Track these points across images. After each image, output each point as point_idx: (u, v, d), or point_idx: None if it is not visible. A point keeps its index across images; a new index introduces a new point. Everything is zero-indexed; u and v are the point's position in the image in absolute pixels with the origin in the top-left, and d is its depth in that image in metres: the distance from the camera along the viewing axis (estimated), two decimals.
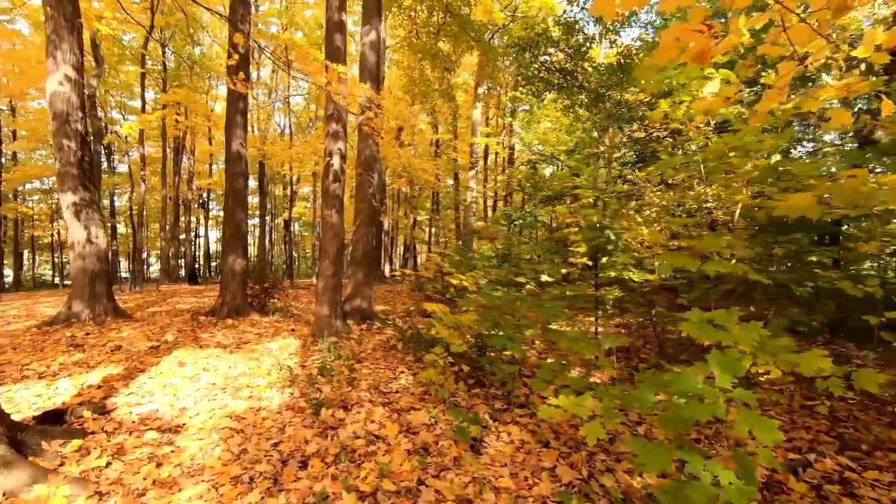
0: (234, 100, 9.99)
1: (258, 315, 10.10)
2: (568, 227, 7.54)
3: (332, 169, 7.58)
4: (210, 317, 9.82)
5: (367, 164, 9.13)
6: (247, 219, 10.23)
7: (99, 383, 5.23)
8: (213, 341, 7.58)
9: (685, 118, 6.16)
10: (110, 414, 4.40)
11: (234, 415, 4.45)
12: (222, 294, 9.98)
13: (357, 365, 5.96)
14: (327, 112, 7.73)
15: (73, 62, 9.02)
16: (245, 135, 10.17)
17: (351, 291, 9.03)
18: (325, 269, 7.60)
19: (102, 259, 9.35)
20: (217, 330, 8.62)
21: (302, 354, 6.65)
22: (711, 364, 2.36)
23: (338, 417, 4.31)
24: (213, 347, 7.14)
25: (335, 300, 7.64)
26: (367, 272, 9.14)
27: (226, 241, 10.02)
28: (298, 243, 44.86)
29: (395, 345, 7.05)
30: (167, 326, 8.98)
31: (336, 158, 7.60)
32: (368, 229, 9.13)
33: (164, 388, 5.18)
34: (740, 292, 5.30)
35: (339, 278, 7.78)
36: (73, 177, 8.91)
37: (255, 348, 7.06)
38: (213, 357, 6.55)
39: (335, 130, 7.63)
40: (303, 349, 6.95)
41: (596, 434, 2.75)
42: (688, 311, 2.79)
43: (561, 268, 7.06)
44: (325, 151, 7.75)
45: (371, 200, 9.15)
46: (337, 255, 7.63)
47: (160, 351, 6.87)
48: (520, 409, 4.47)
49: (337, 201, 7.63)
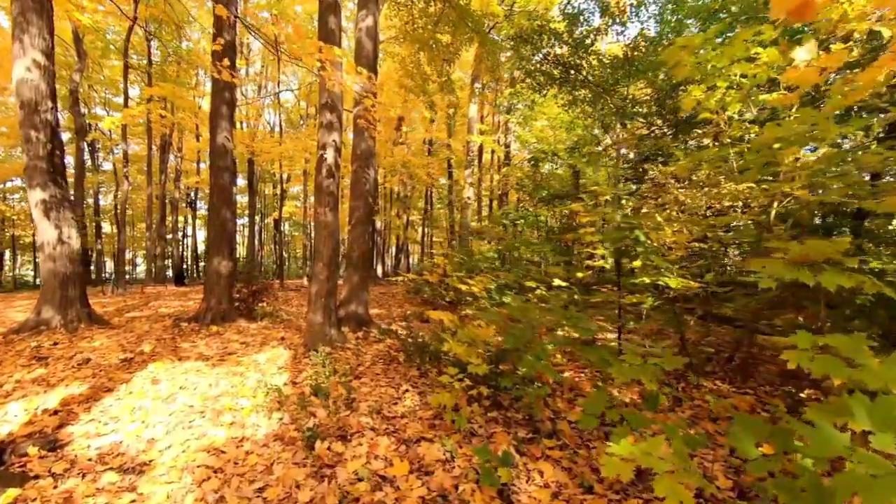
0: (219, 89, 9.22)
1: (245, 321, 9.35)
2: (583, 227, 6.88)
3: (325, 163, 6.86)
4: (193, 323, 9.05)
5: (363, 159, 8.41)
6: (234, 217, 9.48)
7: (56, 407, 4.48)
8: (195, 352, 6.84)
9: (717, 106, 5.54)
10: (63, 449, 3.66)
11: (213, 448, 3.74)
12: (206, 299, 9.21)
13: (355, 382, 5.25)
14: (321, 101, 7.02)
15: (42, 47, 8.22)
16: (232, 127, 9.41)
17: (346, 296, 8.32)
18: (319, 271, 6.88)
19: (75, 261, 8.56)
20: (200, 338, 7.87)
21: (293, 368, 5.93)
22: (858, 414, 1.70)
23: (335, 451, 3.61)
24: (193, 360, 6.40)
25: (329, 306, 6.93)
26: (364, 275, 8.42)
27: (210, 242, 9.25)
28: (288, 243, 43.96)
29: (395, 356, 6.35)
30: (145, 334, 8.21)
31: (330, 152, 6.88)
32: (365, 228, 8.42)
33: (132, 412, 4.44)
34: (788, 301, 4.68)
35: (334, 282, 7.07)
36: (42, 171, 8.12)
37: (240, 360, 6.32)
38: (193, 372, 5.81)
39: (329, 121, 6.91)
40: (293, 362, 6.23)
41: (679, 498, 2.08)
42: (773, 329, 2.13)
43: (576, 271, 6.40)
44: (318, 144, 7.03)
45: (367, 198, 8.44)
46: (331, 257, 6.92)
47: (133, 364, 6.11)
48: (549, 438, 3.80)
49: (331, 198, 6.92)
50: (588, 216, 6.50)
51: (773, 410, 3.99)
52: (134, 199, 34.15)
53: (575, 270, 6.81)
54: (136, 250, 41.43)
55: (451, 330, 4.91)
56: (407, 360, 6.04)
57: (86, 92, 29.51)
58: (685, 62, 5.12)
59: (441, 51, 11.03)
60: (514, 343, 3.81)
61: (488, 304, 7.24)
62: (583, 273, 6.44)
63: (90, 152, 31.64)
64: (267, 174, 32.89)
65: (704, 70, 5.17)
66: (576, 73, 11.99)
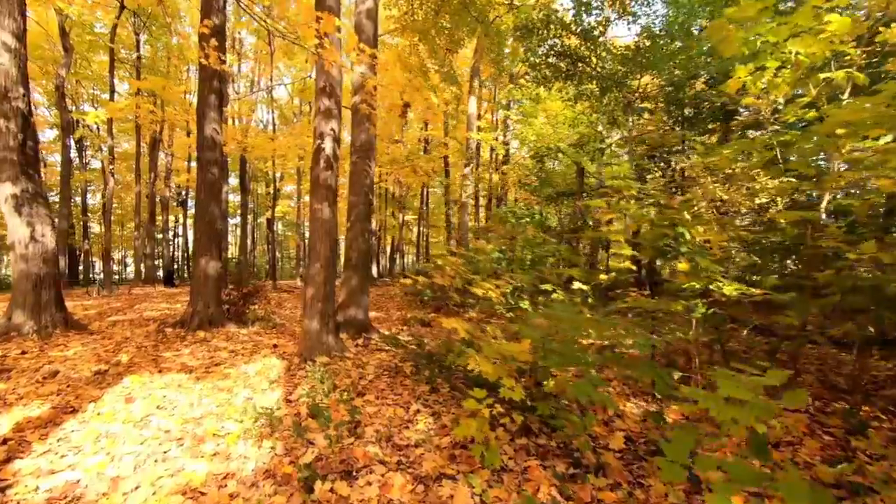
0: (207, 77, 8.51)
1: (235, 326, 8.63)
2: (602, 225, 6.24)
3: (323, 154, 6.17)
4: (179, 328, 8.33)
5: (362, 151, 7.73)
6: (223, 215, 8.76)
7: (7, 434, 3.77)
8: (177, 363, 6.12)
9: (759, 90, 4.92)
10: (4, 493, 2.96)
11: (190, 489, 3.05)
12: (193, 302, 8.49)
13: (358, 400, 4.57)
14: (317, 86, 6.33)
15: (12, 28, 7.50)
16: (220, 118, 8.70)
17: (344, 299, 7.63)
18: (315, 273, 6.19)
19: (50, 261, 7.84)
20: (184, 346, 7.15)
21: (286, 382, 5.24)
22: None
23: (339, 494, 2.94)
24: (175, 372, 5.69)
25: (327, 311, 6.24)
26: (363, 277, 7.74)
27: (198, 241, 8.53)
28: (282, 243, 43.12)
29: (401, 368, 5.67)
30: (125, 342, 7.48)
31: (328, 141, 6.19)
32: (364, 226, 7.73)
33: (97, 440, 3.74)
34: (853, 307, 4.06)
35: (332, 285, 6.38)
36: (12, 164, 7.39)
37: (227, 373, 5.62)
38: (174, 387, 5.10)
39: (327, 108, 6.23)
40: (287, 375, 5.54)
41: None
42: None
43: (595, 273, 5.76)
44: (314, 133, 6.34)
45: (367, 193, 7.76)
46: (329, 257, 6.23)
47: (107, 378, 5.39)
48: (594, 475, 3.15)
49: (329, 193, 6.23)
50: (611, 213, 5.88)
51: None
52: (124, 197, 33.24)
53: (593, 273, 6.17)
54: (126, 250, 40.44)
55: (467, 341, 4.25)
56: (415, 373, 5.37)
57: (73, 88, 28.60)
58: (732, 38, 4.49)
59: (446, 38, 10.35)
60: (558, 363, 3.15)
61: (503, 309, 6.60)
62: (606, 276, 5.81)
63: (78, 150, 30.69)
64: (260, 172, 32.04)
65: (753, 46, 4.55)
66: (584, 66, 11.38)
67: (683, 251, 4.14)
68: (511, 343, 3.29)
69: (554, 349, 3.21)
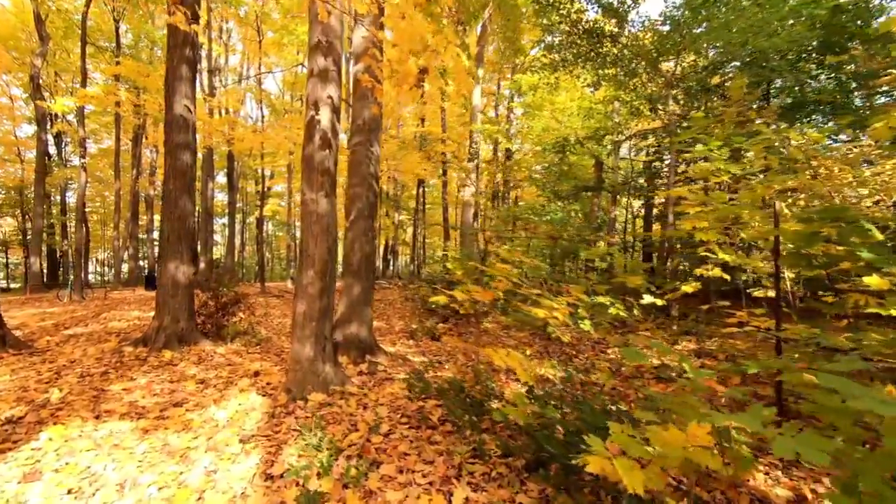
0: (177, 43, 6.92)
1: (211, 343, 7.05)
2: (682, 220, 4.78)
3: (318, 127, 4.63)
4: (141, 347, 6.73)
5: (365, 132, 6.19)
6: (195, 209, 7.18)
7: None
8: (125, 402, 4.54)
9: None
10: None
11: None
12: (159, 315, 6.89)
13: (373, 476, 3.04)
14: (311, 42, 4.79)
15: None
16: (193, 93, 7.11)
17: (343, 313, 6.08)
18: (308, 283, 4.64)
19: None
20: (142, 373, 5.57)
21: (268, 438, 3.68)
22: None
23: None
24: (117, 418, 4.11)
25: (322, 332, 4.70)
26: (367, 285, 6.20)
27: (165, 242, 6.92)
28: (271, 244, 41.30)
29: (424, 411, 4.13)
30: (70, 366, 5.88)
31: (325, 112, 4.66)
32: (368, 224, 6.20)
33: None
34: None
35: (330, 298, 4.84)
36: None
37: (188, 420, 4.05)
38: (108, 447, 3.54)
39: (324, 68, 4.69)
40: (270, 423, 3.98)
41: None
42: None
43: (666, 283, 4.29)
44: (306, 102, 4.79)
45: (372, 183, 6.22)
46: (327, 262, 4.69)
47: (18, 431, 3.81)
48: None
49: (327, 179, 4.68)
50: (694, 207, 4.41)
51: None
52: (107, 196, 31.28)
53: (664, 282, 4.69)
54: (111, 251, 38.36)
55: (538, 395, 2.75)
56: (443, 420, 3.85)
57: (51, 79, 26.70)
58: None
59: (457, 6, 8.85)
60: None
61: (556, 330, 5.14)
62: (691, 286, 4.34)
63: (56, 145, 28.73)
64: (249, 170, 30.28)
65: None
66: (610, 45, 9.93)
67: (868, 257, 2.67)
68: (672, 430, 1.80)
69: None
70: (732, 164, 4.37)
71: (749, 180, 4.22)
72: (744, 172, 4.38)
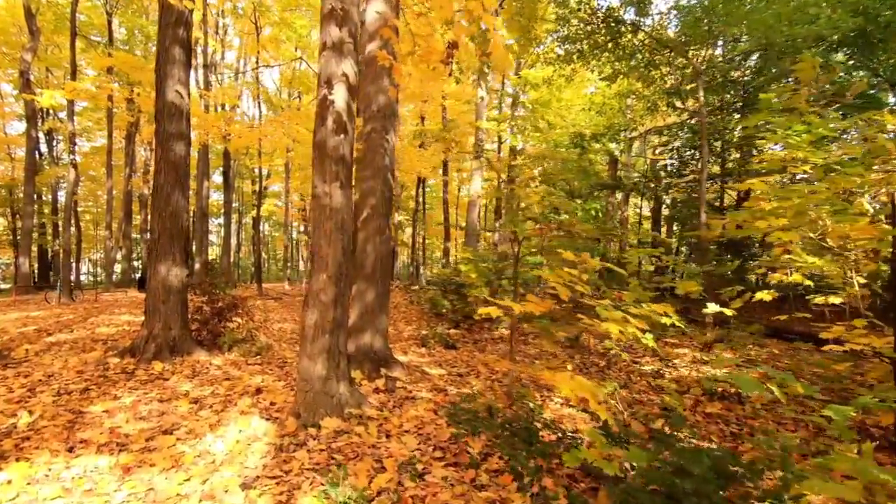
0: (169, 22, 6.21)
1: (206, 353, 6.34)
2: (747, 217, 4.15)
3: (332, 108, 3.95)
4: (129, 357, 6.01)
5: (380, 119, 5.50)
6: (189, 206, 6.48)
7: None
8: (106, 427, 3.83)
9: None
10: None
11: None
12: (148, 322, 6.16)
13: None
14: (324, 9, 4.09)
15: None
16: (187, 77, 6.40)
17: (355, 321, 5.38)
18: (320, 289, 3.95)
19: None
20: (128, 390, 4.85)
21: (277, 480, 2.98)
22: None
23: None
24: (94, 451, 3.40)
25: (337, 346, 4.00)
26: (382, 291, 5.50)
27: (155, 241, 6.20)
28: (267, 244, 40.44)
29: (460, 440, 3.45)
30: (48, 381, 5.17)
31: (340, 90, 3.97)
32: (383, 222, 5.51)
33: None
34: None
35: (345, 306, 4.14)
36: None
37: (179, 454, 3.35)
38: (80, 493, 2.84)
39: (338, 40, 4.00)
40: (278, 458, 3.28)
41: None
42: None
43: (762, 291, 3.65)
44: (319, 79, 4.10)
45: (387, 176, 5.54)
46: (341, 265, 4.00)
47: None
48: None
49: (342, 168, 3.99)
50: (770, 198, 3.78)
51: None
52: (100, 195, 30.36)
53: (725, 289, 4.05)
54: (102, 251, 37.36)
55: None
56: (485, 455, 3.17)
57: (42, 76, 25.84)
58: None
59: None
60: None
61: (622, 353, 4.45)
62: (768, 293, 3.68)
63: (48, 143, 27.82)
64: (245, 169, 29.48)
65: None
66: (633, 34, 9.29)
67: None
68: None
69: None
70: (815, 153, 3.72)
71: (837, 171, 3.57)
72: (828, 162, 3.73)
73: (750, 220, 3.94)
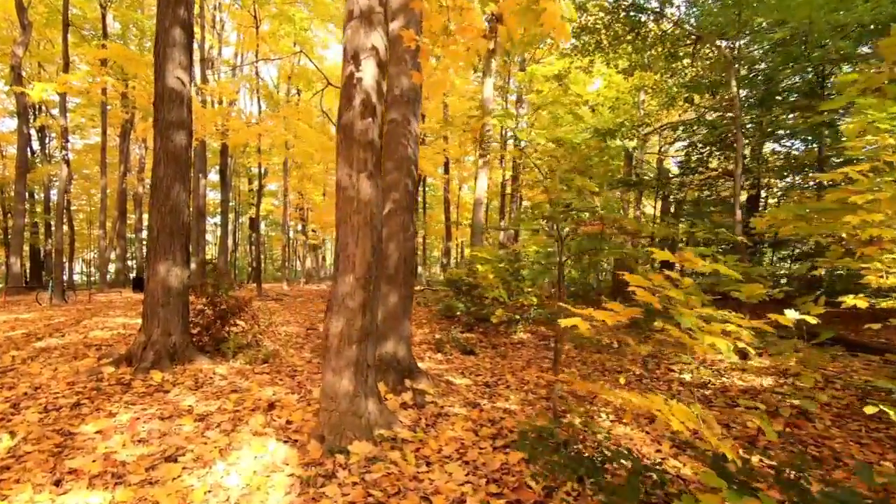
0: (169, 1, 5.66)
1: (208, 360, 5.79)
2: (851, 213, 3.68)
3: (360, 87, 3.42)
4: (125, 366, 5.45)
5: (402, 105, 4.98)
6: (189, 201, 5.94)
7: None
8: (100, 453, 3.28)
9: None
10: None
11: None
12: (147, 327, 5.60)
13: None
14: None
15: None
16: (189, 61, 5.85)
17: (379, 327, 4.85)
18: (347, 294, 3.42)
19: None
20: (125, 406, 4.30)
21: None
22: None
23: None
24: (84, 486, 2.86)
25: (365, 359, 3.48)
26: (406, 293, 4.97)
27: (154, 239, 5.64)
28: (264, 244, 39.74)
29: (520, 477, 2.93)
30: (34, 394, 4.61)
31: (369, 66, 3.45)
32: (407, 218, 4.98)
33: None
34: None
35: (374, 312, 3.62)
36: None
37: (188, 488, 2.81)
38: None
39: (367, 8, 3.48)
40: (305, 494, 2.75)
41: None
42: None
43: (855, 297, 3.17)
44: (344, 54, 3.57)
45: (411, 168, 5.01)
46: (371, 265, 3.47)
47: None
48: None
49: (371, 154, 3.47)
50: (864, 191, 3.31)
51: None
52: (94, 193, 29.59)
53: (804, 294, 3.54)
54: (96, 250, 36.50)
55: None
56: (549, 491, 2.65)
57: (34, 70, 25.10)
58: None
59: None
60: None
61: (690, 372, 3.96)
62: (861, 299, 3.20)
63: (40, 139, 27.08)
64: (242, 168, 28.83)
65: None
66: (656, 23, 8.82)
67: None
68: None
69: None
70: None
71: None
72: None
73: (833, 213, 3.46)
